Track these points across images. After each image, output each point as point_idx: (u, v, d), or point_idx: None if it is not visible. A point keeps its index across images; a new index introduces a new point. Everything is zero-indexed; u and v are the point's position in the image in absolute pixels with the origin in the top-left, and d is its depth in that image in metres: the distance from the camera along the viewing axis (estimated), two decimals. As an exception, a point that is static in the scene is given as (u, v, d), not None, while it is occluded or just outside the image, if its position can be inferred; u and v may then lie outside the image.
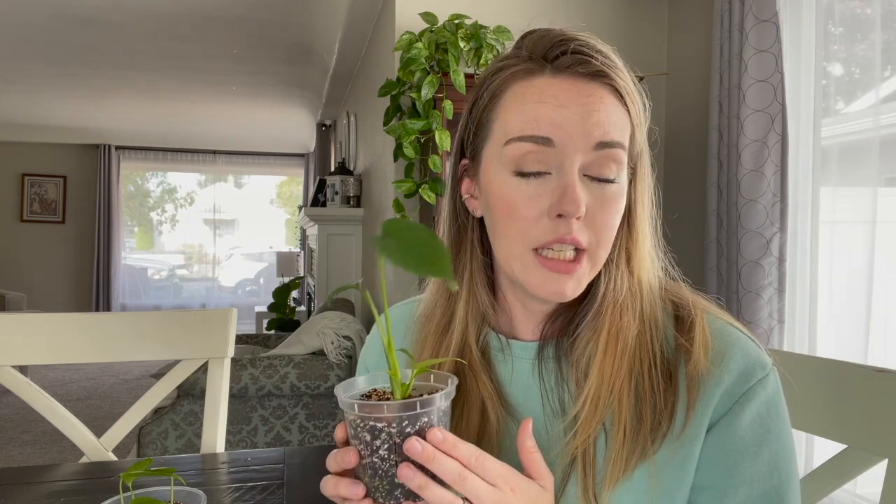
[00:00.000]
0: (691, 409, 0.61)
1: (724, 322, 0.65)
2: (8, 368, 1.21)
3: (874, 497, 1.66)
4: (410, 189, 2.28)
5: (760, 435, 0.61)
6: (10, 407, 4.32)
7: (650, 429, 0.60)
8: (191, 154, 7.93)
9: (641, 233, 0.66)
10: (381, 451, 0.52)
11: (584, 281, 0.62)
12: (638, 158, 0.66)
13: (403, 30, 2.36)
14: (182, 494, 0.84)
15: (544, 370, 0.67)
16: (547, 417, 0.65)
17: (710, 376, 0.61)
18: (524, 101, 0.61)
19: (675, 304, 0.67)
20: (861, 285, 1.74)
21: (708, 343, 0.62)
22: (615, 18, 2.69)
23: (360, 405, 0.52)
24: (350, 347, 2.82)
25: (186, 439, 2.55)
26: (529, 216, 0.60)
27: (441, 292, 0.71)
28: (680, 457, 0.61)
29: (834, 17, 1.91)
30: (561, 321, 0.68)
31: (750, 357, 0.62)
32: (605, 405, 0.61)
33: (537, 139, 0.59)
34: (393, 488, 0.53)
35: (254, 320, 6.50)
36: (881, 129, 1.72)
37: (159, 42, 4.07)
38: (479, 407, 0.66)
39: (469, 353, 0.68)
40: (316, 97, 5.35)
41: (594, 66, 0.60)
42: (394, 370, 0.54)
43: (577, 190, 0.58)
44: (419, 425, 0.52)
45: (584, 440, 0.61)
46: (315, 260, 4.35)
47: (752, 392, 0.61)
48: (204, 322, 1.30)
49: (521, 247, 0.62)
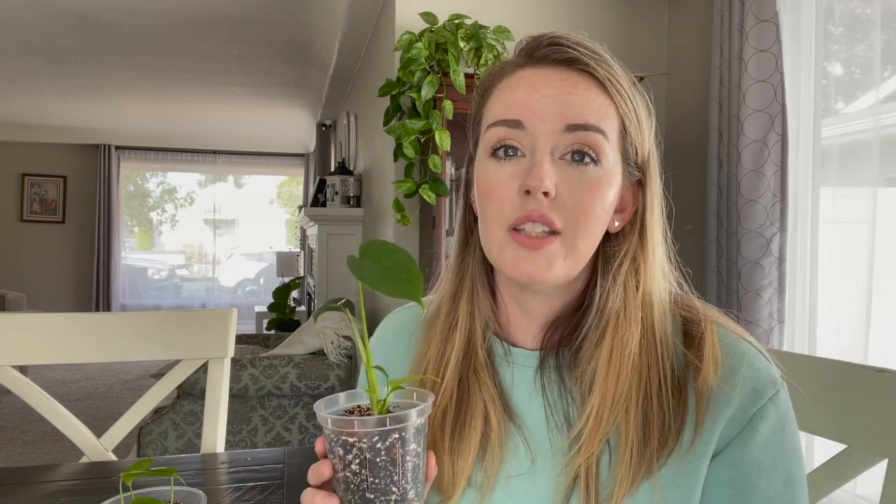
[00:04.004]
0: (700, 426, 0.60)
1: (735, 336, 0.64)
2: (8, 368, 1.21)
3: (874, 497, 1.66)
4: (410, 189, 2.28)
5: (775, 452, 0.61)
6: (10, 407, 4.32)
7: (657, 446, 0.60)
8: (191, 154, 7.93)
9: (651, 241, 0.65)
10: (352, 465, 0.53)
11: (558, 264, 0.60)
12: (646, 162, 0.65)
13: (403, 30, 2.36)
14: (182, 494, 0.84)
15: (546, 382, 0.66)
16: (550, 431, 0.64)
17: (720, 393, 0.61)
18: (503, 91, 0.64)
19: (685, 319, 0.65)
20: (861, 285, 1.74)
21: (718, 358, 0.61)
22: (615, 18, 2.69)
23: (333, 420, 0.53)
24: (350, 347, 2.82)
25: (186, 439, 2.55)
26: (504, 196, 0.61)
27: (447, 295, 0.71)
28: (687, 473, 0.61)
29: (834, 17, 1.91)
30: (561, 332, 0.66)
31: (760, 373, 0.62)
32: (610, 422, 0.60)
33: (509, 122, 0.61)
34: (364, 503, 0.53)
35: (254, 320, 6.50)
36: (881, 129, 1.72)
37: (159, 42, 4.07)
38: (482, 411, 0.65)
39: (474, 355, 0.67)
40: (316, 97, 5.35)
41: (569, 54, 0.61)
42: (372, 387, 0.55)
43: (544, 168, 0.59)
44: (389, 441, 0.52)
45: (588, 457, 0.60)
46: (315, 260, 4.35)
47: (764, 410, 0.61)
48: (204, 322, 1.30)
49: (498, 227, 0.62)
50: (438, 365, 0.68)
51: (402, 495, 0.54)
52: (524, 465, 0.64)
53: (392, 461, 0.53)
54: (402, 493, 0.54)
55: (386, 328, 0.80)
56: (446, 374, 0.67)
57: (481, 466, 0.65)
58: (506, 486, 0.64)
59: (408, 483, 0.54)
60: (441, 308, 0.71)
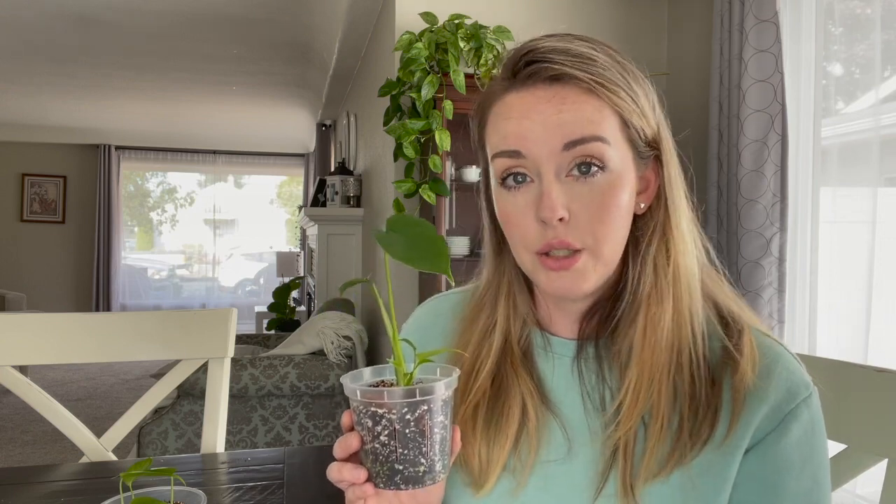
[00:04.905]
0: (735, 421, 0.62)
1: (770, 339, 0.66)
2: (8, 368, 1.21)
3: (874, 497, 1.66)
4: (410, 189, 2.28)
5: (805, 453, 0.63)
6: (10, 407, 4.32)
7: (689, 433, 0.61)
8: (191, 154, 7.93)
9: (677, 210, 0.66)
10: (381, 437, 0.54)
11: (590, 275, 0.63)
12: (657, 137, 0.65)
13: (403, 30, 2.36)
14: (182, 494, 0.84)
15: (584, 369, 0.68)
16: (588, 414, 0.67)
17: (756, 389, 0.62)
18: (497, 119, 0.65)
19: (717, 307, 0.67)
20: (861, 285, 1.74)
21: (755, 357, 0.63)
22: (615, 18, 2.69)
23: (362, 391, 0.54)
24: (350, 347, 2.82)
25: (186, 439, 2.55)
26: (522, 224, 0.63)
27: (488, 296, 0.72)
28: (720, 466, 0.62)
29: (834, 17, 1.91)
30: (598, 319, 0.68)
31: (795, 375, 0.64)
32: (647, 395, 0.62)
33: (510, 153, 0.63)
34: (393, 474, 0.54)
35: (254, 320, 6.50)
36: (881, 129, 1.72)
37: (159, 42, 4.07)
38: (519, 405, 0.67)
39: (511, 353, 0.70)
40: (316, 97, 5.35)
41: (552, 70, 0.61)
42: (398, 360, 0.55)
43: (553, 195, 0.60)
44: (419, 413, 0.53)
45: (627, 431, 0.62)
46: (315, 260, 4.35)
47: (798, 410, 0.62)
48: (204, 322, 1.30)
49: (525, 252, 0.64)
50: (474, 363, 0.70)
51: (430, 466, 0.54)
52: (561, 451, 0.66)
53: (421, 432, 0.53)
54: (431, 464, 0.54)
55: (423, 314, 0.82)
56: (483, 372, 0.69)
57: (515, 452, 0.67)
58: (542, 470, 0.67)
59: (436, 455, 0.55)
60: (480, 305, 0.73)
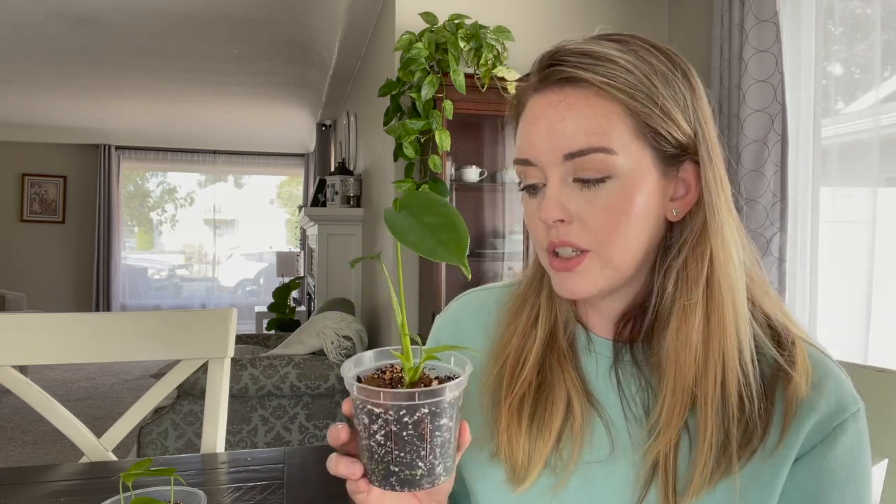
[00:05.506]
0: (786, 431, 0.62)
1: (819, 352, 0.66)
2: (8, 368, 1.21)
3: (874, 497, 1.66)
4: (410, 189, 2.28)
5: (851, 467, 0.62)
6: (10, 407, 4.32)
7: (738, 445, 0.61)
8: (191, 154, 7.93)
9: (716, 221, 0.62)
10: (377, 436, 0.50)
11: (596, 277, 0.62)
12: (691, 141, 0.62)
13: (403, 30, 2.36)
14: (182, 494, 0.84)
15: (622, 375, 0.67)
16: (629, 422, 0.66)
17: (807, 400, 0.62)
18: (521, 123, 0.66)
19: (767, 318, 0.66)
20: (861, 285, 1.74)
21: (808, 370, 0.63)
22: (615, 18, 2.69)
23: (358, 388, 0.50)
24: (350, 347, 2.82)
25: (186, 439, 2.55)
26: (536, 226, 0.65)
27: (531, 289, 0.72)
28: (767, 476, 0.62)
29: (834, 17, 1.91)
30: (632, 325, 0.67)
31: (845, 389, 0.64)
32: (679, 410, 0.61)
33: (522, 161, 0.65)
34: (388, 475, 0.51)
35: (254, 320, 6.50)
36: (881, 129, 1.72)
37: (159, 42, 4.07)
38: (564, 399, 0.67)
39: (556, 345, 0.69)
40: (316, 97, 5.35)
41: (563, 73, 0.60)
42: (406, 353, 0.51)
43: (550, 201, 0.61)
44: (418, 416, 0.49)
45: (666, 444, 0.61)
46: (315, 260, 4.35)
47: (847, 424, 0.62)
48: (204, 322, 1.30)
49: (542, 252, 0.66)
50: (519, 355, 0.69)
51: (428, 470, 0.50)
52: (603, 452, 0.66)
53: (419, 436, 0.49)
54: (429, 468, 0.50)
55: (460, 306, 0.81)
56: (527, 365, 0.68)
57: (557, 450, 0.66)
58: (584, 471, 0.66)
59: (436, 458, 0.51)
60: (524, 297, 0.73)
